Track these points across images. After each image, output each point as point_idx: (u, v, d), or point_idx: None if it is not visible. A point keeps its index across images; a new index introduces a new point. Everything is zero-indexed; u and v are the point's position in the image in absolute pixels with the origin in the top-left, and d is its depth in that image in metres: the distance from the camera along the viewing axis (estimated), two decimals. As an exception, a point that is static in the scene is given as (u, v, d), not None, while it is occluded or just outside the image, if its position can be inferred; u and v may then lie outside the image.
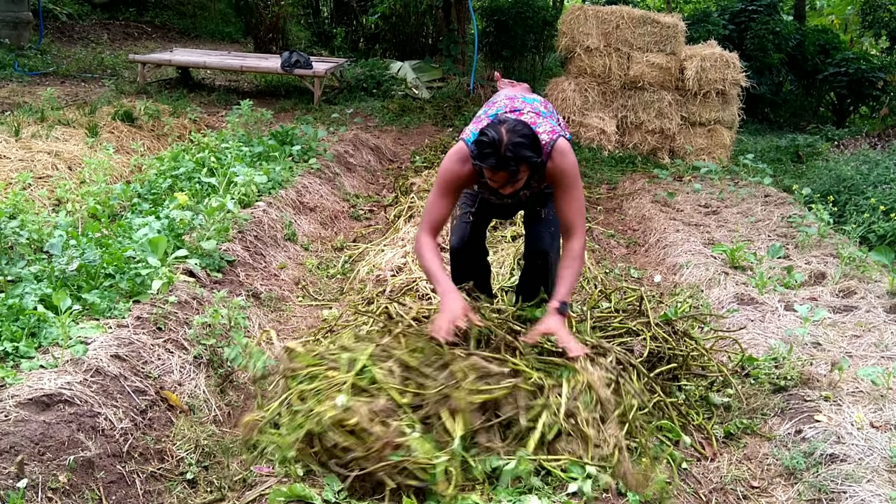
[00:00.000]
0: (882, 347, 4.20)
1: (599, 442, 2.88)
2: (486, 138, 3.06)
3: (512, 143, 3.03)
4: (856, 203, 6.97)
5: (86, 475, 2.66)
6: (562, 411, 2.91)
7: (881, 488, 2.97)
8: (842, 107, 14.38)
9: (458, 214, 3.80)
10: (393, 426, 2.79)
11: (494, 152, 3.05)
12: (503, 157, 3.05)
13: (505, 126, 3.08)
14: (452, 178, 3.35)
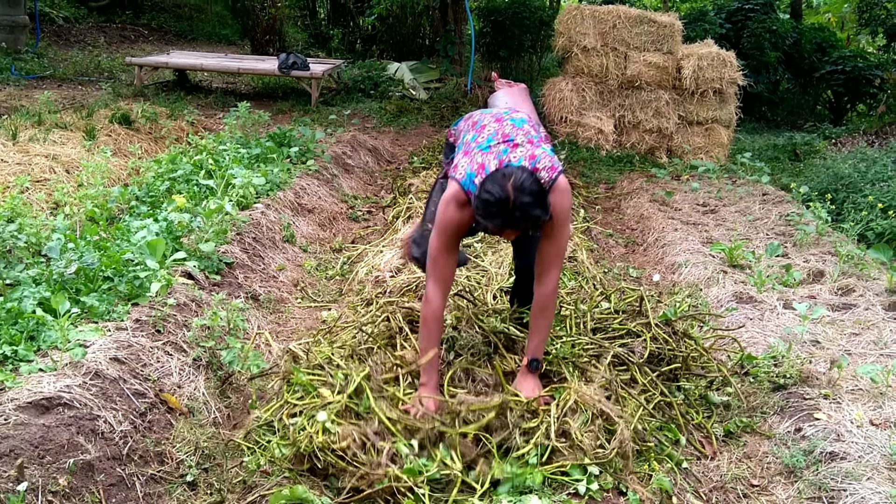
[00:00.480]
0: (881, 345, 4.20)
1: (597, 449, 2.87)
2: (492, 198, 2.88)
3: (521, 204, 2.86)
4: (854, 201, 6.98)
5: (86, 478, 2.66)
6: (553, 431, 2.89)
7: (881, 486, 2.98)
8: (839, 105, 14.39)
9: (428, 230, 3.55)
10: (386, 449, 2.78)
11: (501, 212, 2.90)
12: (512, 218, 2.90)
13: (511, 182, 2.87)
14: (456, 226, 3.18)
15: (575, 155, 9.33)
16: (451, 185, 3.16)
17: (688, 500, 2.97)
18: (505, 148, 3.15)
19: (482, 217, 2.95)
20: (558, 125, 9.98)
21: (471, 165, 3.14)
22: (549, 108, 10.12)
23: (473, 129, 3.36)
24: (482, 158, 3.13)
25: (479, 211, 2.95)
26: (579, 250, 5.47)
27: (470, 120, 3.50)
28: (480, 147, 3.20)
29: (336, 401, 2.93)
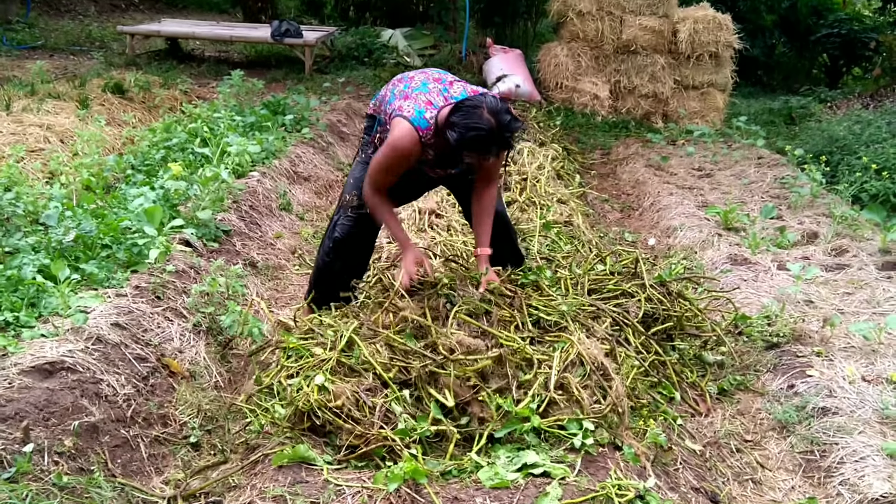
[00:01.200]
0: (874, 304, 4.25)
1: (594, 405, 2.90)
2: (483, 131, 3.00)
3: (505, 124, 3.04)
4: (848, 163, 7.00)
5: (91, 439, 2.70)
6: (552, 383, 2.93)
7: (872, 439, 3.04)
8: (835, 68, 14.34)
9: (352, 201, 3.58)
10: (379, 405, 2.82)
11: (495, 139, 3.04)
12: (503, 140, 3.07)
13: (486, 111, 3.02)
14: (404, 158, 3.24)
15: (570, 121, 9.32)
16: (398, 123, 3.18)
17: (685, 446, 3.03)
18: (443, 87, 3.28)
19: (479, 150, 3.05)
20: (554, 91, 9.95)
21: (416, 104, 3.19)
22: (545, 74, 10.08)
23: (401, 83, 3.37)
24: (425, 97, 3.21)
25: (475, 147, 3.03)
26: (575, 215, 5.50)
27: (391, 84, 3.46)
28: (418, 90, 3.26)
29: (329, 357, 2.97)
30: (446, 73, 3.45)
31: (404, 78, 3.41)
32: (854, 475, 2.88)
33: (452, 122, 3.05)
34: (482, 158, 3.12)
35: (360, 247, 3.70)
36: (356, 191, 3.53)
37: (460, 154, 3.07)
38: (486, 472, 2.57)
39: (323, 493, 2.49)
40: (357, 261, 3.74)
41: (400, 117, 3.19)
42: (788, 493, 2.99)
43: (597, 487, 2.50)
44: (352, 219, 3.58)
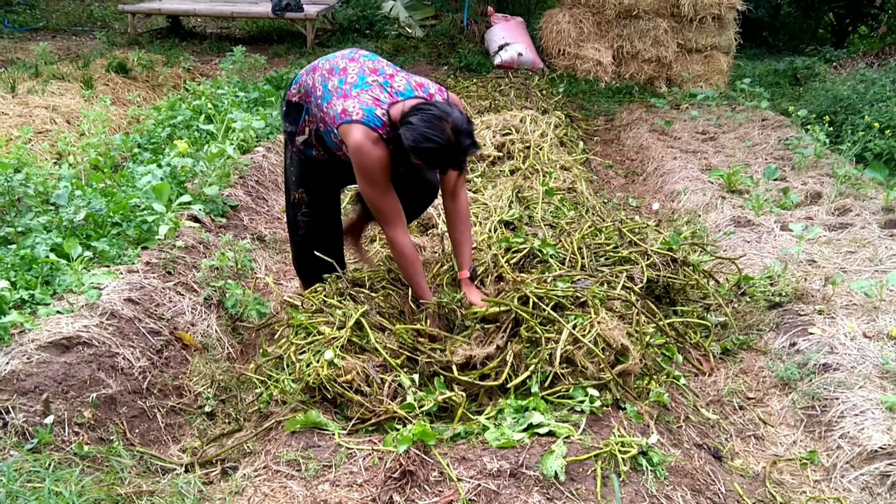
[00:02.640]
0: (876, 261, 4.28)
1: (598, 374, 2.93)
2: (437, 145, 2.88)
3: (464, 147, 2.95)
4: (852, 122, 6.98)
5: (109, 411, 2.78)
6: (557, 356, 2.94)
7: (872, 394, 3.10)
8: (841, 27, 14.17)
9: (301, 198, 3.48)
10: (389, 381, 2.88)
11: (447, 156, 2.94)
12: (455, 160, 2.99)
13: (451, 126, 2.89)
14: (383, 164, 3.03)
15: (573, 88, 9.30)
16: (353, 128, 2.96)
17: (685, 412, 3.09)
18: (384, 81, 3.11)
19: (427, 162, 2.95)
20: (556, 58, 9.91)
21: (363, 103, 2.99)
22: (547, 41, 10.04)
23: (333, 76, 3.14)
24: (368, 94, 3.03)
25: (424, 157, 2.91)
26: (578, 182, 5.53)
27: (317, 71, 3.22)
28: (357, 86, 3.06)
29: (340, 335, 3.02)
30: (378, 59, 3.24)
31: (335, 69, 3.15)
32: (854, 428, 2.94)
33: (411, 122, 2.90)
34: (459, 161, 3.04)
35: (328, 233, 3.59)
36: (301, 188, 3.44)
37: (408, 154, 2.96)
38: (493, 432, 2.64)
39: (335, 456, 2.57)
40: (332, 244, 3.61)
41: (350, 123, 2.97)
42: (790, 447, 3.05)
43: (601, 445, 2.57)
44: (308, 214, 3.50)
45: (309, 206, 3.49)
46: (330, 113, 3.07)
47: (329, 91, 3.10)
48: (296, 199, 3.48)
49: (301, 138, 3.32)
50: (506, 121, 6.25)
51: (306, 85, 3.24)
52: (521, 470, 2.45)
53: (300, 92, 3.29)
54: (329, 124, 3.09)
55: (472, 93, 8.15)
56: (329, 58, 3.25)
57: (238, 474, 2.61)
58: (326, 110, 3.09)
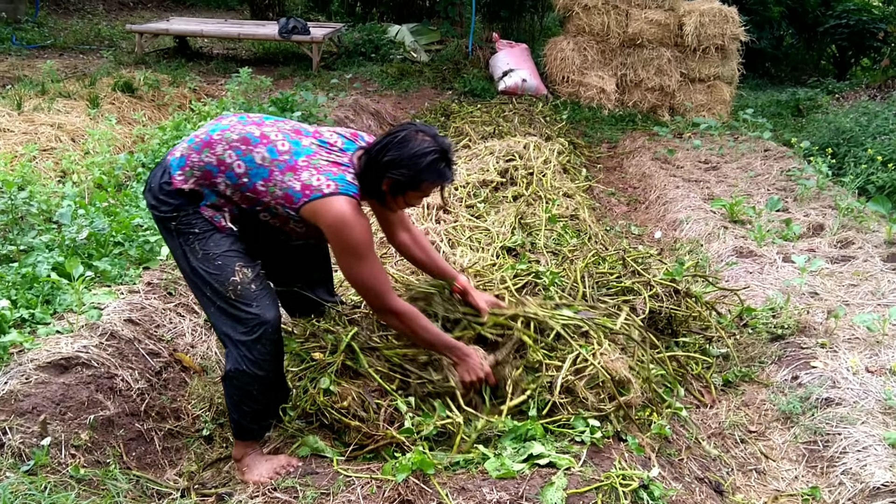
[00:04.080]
0: (879, 295, 4.27)
1: (600, 405, 2.90)
2: (434, 153, 2.57)
3: (444, 141, 2.65)
4: (855, 155, 7.00)
5: (106, 433, 2.76)
6: (557, 385, 2.89)
7: (875, 429, 3.07)
8: (843, 59, 14.29)
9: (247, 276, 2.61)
10: (385, 405, 2.84)
11: (447, 158, 2.63)
12: (450, 158, 2.67)
13: (427, 135, 2.61)
14: (370, 235, 2.61)
15: (577, 115, 9.34)
16: (331, 202, 2.50)
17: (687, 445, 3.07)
18: (318, 140, 2.67)
19: (436, 177, 2.61)
20: (560, 85, 9.97)
21: (325, 172, 2.55)
22: (551, 68, 10.10)
23: (253, 146, 2.57)
24: (323, 159, 2.59)
25: (435, 173, 2.59)
26: (581, 209, 5.53)
27: (218, 145, 2.57)
28: (299, 154, 2.58)
29: (332, 361, 2.97)
30: (287, 121, 2.76)
31: (250, 138, 2.58)
32: (856, 465, 2.92)
33: (391, 160, 2.56)
34: (441, 187, 2.69)
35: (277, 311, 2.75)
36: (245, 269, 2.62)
37: (406, 193, 2.63)
38: (493, 462, 2.62)
39: (333, 484, 2.55)
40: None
41: (323, 198, 2.51)
42: (791, 482, 3.02)
43: (601, 477, 2.54)
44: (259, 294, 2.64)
45: (255, 281, 2.63)
46: (279, 191, 2.54)
47: (262, 166, 2.55)
48: (233, 290, 2.58)
49: (223, 221, 2.63)
50: (509, 147, 6.26)
51: (205, 164, 2.56)
52: (521, 502, 2.42)
53: (194, 175, 2.57)
54: (280, 203, 2.55)
55: (475, 118, 8.18)
56: (220, 129, 2.62)
57: (233, 501, 2.58)
58: (270, 188, 2.55)
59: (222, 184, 2.57)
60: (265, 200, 2.57)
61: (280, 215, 2.61)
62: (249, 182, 2.55)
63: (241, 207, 2.62)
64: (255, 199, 2.58)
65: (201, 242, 2.60)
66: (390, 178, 2.57)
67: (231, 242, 2.63)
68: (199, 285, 2.62)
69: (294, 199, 2.52)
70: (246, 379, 2.62)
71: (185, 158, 2.59)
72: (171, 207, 2.59)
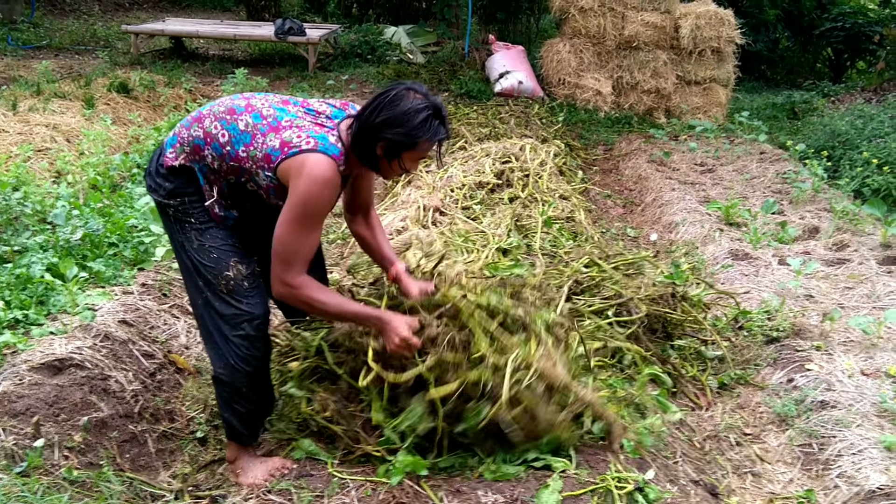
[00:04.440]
0: (874, 298, 4.28)
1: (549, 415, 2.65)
2: (428, 109, 2.44)
3: (435, 98, 2.52)
4: (850, 158, 7.01)
5: (100, 435, 2.75)
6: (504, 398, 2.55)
7: (870, 432, 3.07)
8: (839, 62, 14.32)
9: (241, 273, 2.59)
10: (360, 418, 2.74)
11: (441, 115, 2.50)
12: (444, 115, 2.53)
13: (420, 92, 2.49)
14: (333, 196, 2.47)
15: (573, 117, 9.34)
16: (309, 158, 2.39)
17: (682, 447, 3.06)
18: (306, 108, 2.59)
19: (431, 135, 2.47)
20: (556, 87, 9.97)
21: (309, 130, 2.45)
22: (547, 70, 10.11)
23: (238, 115, 2.52)
24: (308, 121, 2.50)
25: (430, 130, 2.45)
26: (577, 211, 5.53)
27: (206, 119, 2.55)
28: (282, 117, 2.50)
29: (297, 368, 2.85)
30: (269, 94, 2.68)
31: (237, 109, 2.54)
32: (851, 468, 2.92)
33: (385, 120, 2.43)
34: (438, 144, 2.55)
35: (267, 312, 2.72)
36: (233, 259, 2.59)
37: (402, 155, 2.49)
38: (488, 465, 2.61)
39: (327, 486, 2.54)
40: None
41: (300, 153, 2.40)
42: (787, 485, 3.02)
43: (597, 480, 2.54)
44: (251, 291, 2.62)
45: (248, 278, 2.62)
46: (260, 153, 2.45)
47: (245, 132, 2.48)
48: (225, 284, 2.57)
49: (211, 202, 2.58)
50: (505, 149, 6.27)
51: (194, 138, 2.54)
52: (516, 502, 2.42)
53: (184, 151, 2.56)
54: (261, 165, 2.46)
55: (472, 120, 8.18)
56: (210, 105, 2.61)
57: (227, 502, 2.57)
58: (251, 152, 2.47)
59: (209, 156, 2.53)
60: (247, 167, 2.49)
61: (262, 185, 2.51)
62: (232, 150, 2.49)
63: (229, 181, 2.56)
64: (238, 169, 2.51)
65: (198, 233, 2.57)
66: (385, 140, 2.45)
67: (227, 235, 2.60)
68: (192, 274, 2.60)
69: (272, 158, 2.43)
70: (235, 376, 2.61)
71: (175, 137, 2.60)
72: (167, 191, 2.57)
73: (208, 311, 2.61)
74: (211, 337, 2.64)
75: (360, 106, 2.61)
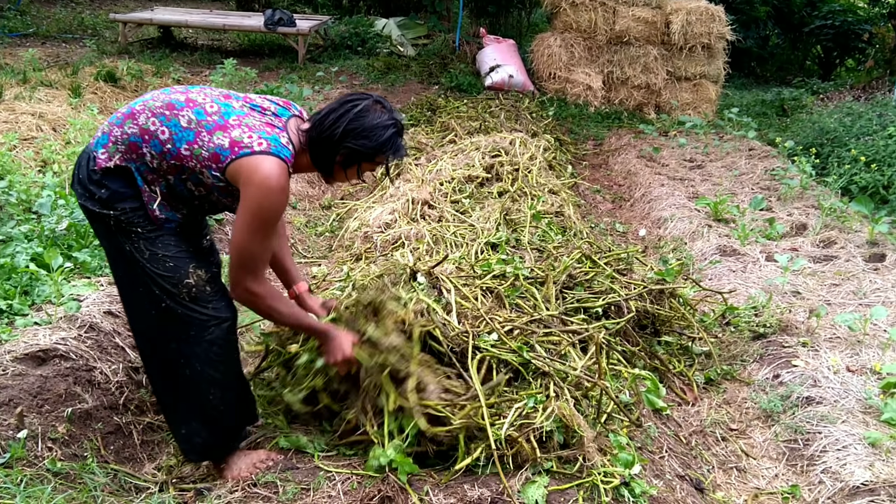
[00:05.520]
0: (860, 295, 4.30)
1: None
2: (394, 127, 2.47)
3: (397, 113, 2.54)
4: (838, 155, 7.04)
5: (84, 426, 2.73)
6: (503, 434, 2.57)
7: (855, 428, 3.09)
8: (828, 60, 14.39)
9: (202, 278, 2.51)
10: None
11: (401, 133, 2.52)
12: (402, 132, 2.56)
13: (374, 103, 2.48)
14: (283, 208, 2.41)
15: (563, 111, 9.34)
16: (261, 161, 2.30)
17: (668, 443, 3.07)
18: (250, 104, 2.49)
19: (393, 151, 2.49)
20: (547, 81, 9.97)
21: (259, 131, 2.35)
22: (538, 64, 10.10)
23: (179, 111, 2.38)
24: (256, 121, 2.41)
25: (393, 146, 2.48)
26: (566, 206, 5.53)
27: (141, 115, 2.39)
28: (229, 114, 2.39)
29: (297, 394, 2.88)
30: (207, 88, 2.54)
31: (175, 104, 2.39)
32: (836, 463, 2.93)
33: (352, 130, 2.41)
34: (389, 160, 2.54)
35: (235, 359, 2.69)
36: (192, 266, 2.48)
37: (360, 164, 2.50)
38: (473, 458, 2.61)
39: (313, 479, 2.53)
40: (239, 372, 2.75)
41: (252, 155, 2.30)
42: (772, 480, 3.04)
43: (583, 474, 2.54)
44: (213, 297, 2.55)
45: (210, 282, 2.53)
46: (206, 151, 2.33)
47: (188, 129, 2.35)
48: (187, 292, 2.47)
49: (156, 205, 2.42)
50: (495, 143, 6.25)
51: (129, 136, 2.37)
52: (503, 498, 2.41)
53: (118, 150, 2.38)
54: (206, 165, 2.34)
55: (462, 113, 8.16)
56: (142, 100, 2.45)
57: (212, 495, 2.56)
58: (195, 150, 2.34)
59: (147, 154, 2.37)
60: (190, 166, 2.36)
61: (205, 183, 2.40)
62: (173, 148, 2.35)
63: (168, 181, 2.41)
64: (180, 167, 2.37)
65: (147, 242, 2.41)
66: (348, 149, 2.44)
67: (179, 241, 2.48)
68: (143, 285, 2.44)
69: (221, 158, 2.32)
70: (203, 383, 2.54)
71: (106, 136, 2.40)
72: (103, 200, 2.37)
73: (164, 322, 2.47)
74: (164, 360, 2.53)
75: (301, 108, 2.59)
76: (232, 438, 2.71)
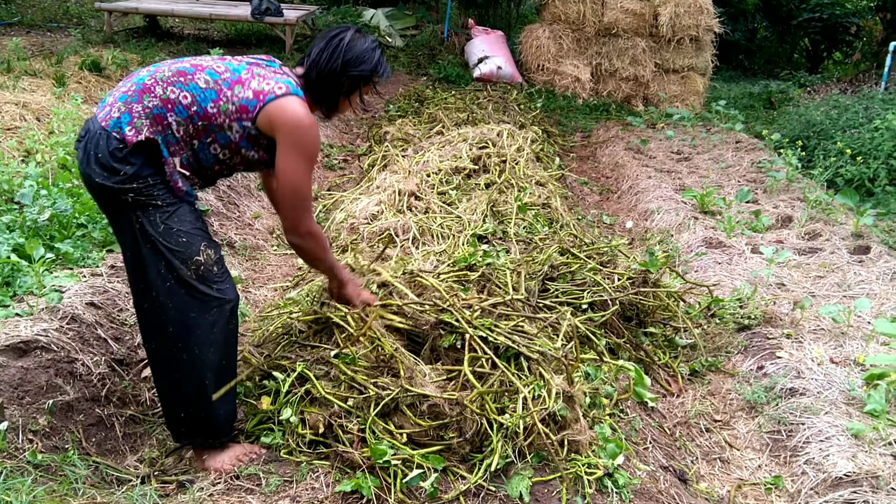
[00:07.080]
0: (844, 287, 4.32)
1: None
2: (380, 48, 2.71)
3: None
4: (824, 148, 7.07)
5: (65, 418, 2.71)
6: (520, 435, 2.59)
7: (838, 419, 3.10)
8: (816, 53, 14.43)
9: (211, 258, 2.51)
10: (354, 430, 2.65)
11: (384, 54, 2.73)
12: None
13: (353, 31, 2.68)
14: (318, 143, 2.61)
15: (551, 103, 9.33)
16: (287, 101, 2.47)
17: (653, 434, 3.08)
18: (248, 60, 2.62)
19: (384, 72, 2.73)
20: (535, 73, 9.95)
21: (272, 78, 2.51)
22: (526, 55, 10.08)
23: (191, 76, 2.48)
24: (262, 70, 2.55)
25: (382, 68, 2.71)
26: (553, 198, 5.52)
27: (157, 87, 2.44)
28: (239, 70, 2.53)
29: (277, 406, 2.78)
30: (200, 56, 2.69)
31: (186, 71, 2.48)
32: (819, 454, 2.95)
33: (350, 60, 2.62)
34: (380, 80, 2.76)
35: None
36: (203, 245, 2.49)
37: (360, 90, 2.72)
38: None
39: (297, 472, 2.52)
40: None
41: (278, 99, 2.47)
42: (755, 471, 3.05)
43: (567, 466, 2.54)
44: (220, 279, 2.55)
45: (218, 263, 2.54)
46: (232, 105, 2.47)
47: (209, 88, 2.46)
48: (195, 269, 2.47)
49: (174, 174, 2.46)
50: (483, 134, 6.24)
51: (152, 109, 2.42)
52: (487, 489, 2.41)
53: (144, 124, 2.40)
54: (235, 118, 2.48)
55: (449, 105, 8.14)
56: (149, 74, 2.49)
57: (195, 487, 2.54)
58: (222, 106, 2.46)
59: (173, 123, 2.43)
60: (218, 122, 2.47)
61: (232, 140, 2.51)
62: (199, 109, 2.44)
63: (193, 147, 2.48)
64: (207, 127, 2.46)
65: (163, 215, 2.42)
66: (351, 77, 2.65)
67: (195, 218, 2.51)
68: (153, 260, 2.43)
69: (250, 108, 2.47)
70: (199, 365, 2.53)
71: (128, 113, 2.40)
72: (128, 175, 2.37)
73: (171, 298, 2.45)
74: (166, 334, 2.50)
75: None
76: (224, 424, 2.68)
